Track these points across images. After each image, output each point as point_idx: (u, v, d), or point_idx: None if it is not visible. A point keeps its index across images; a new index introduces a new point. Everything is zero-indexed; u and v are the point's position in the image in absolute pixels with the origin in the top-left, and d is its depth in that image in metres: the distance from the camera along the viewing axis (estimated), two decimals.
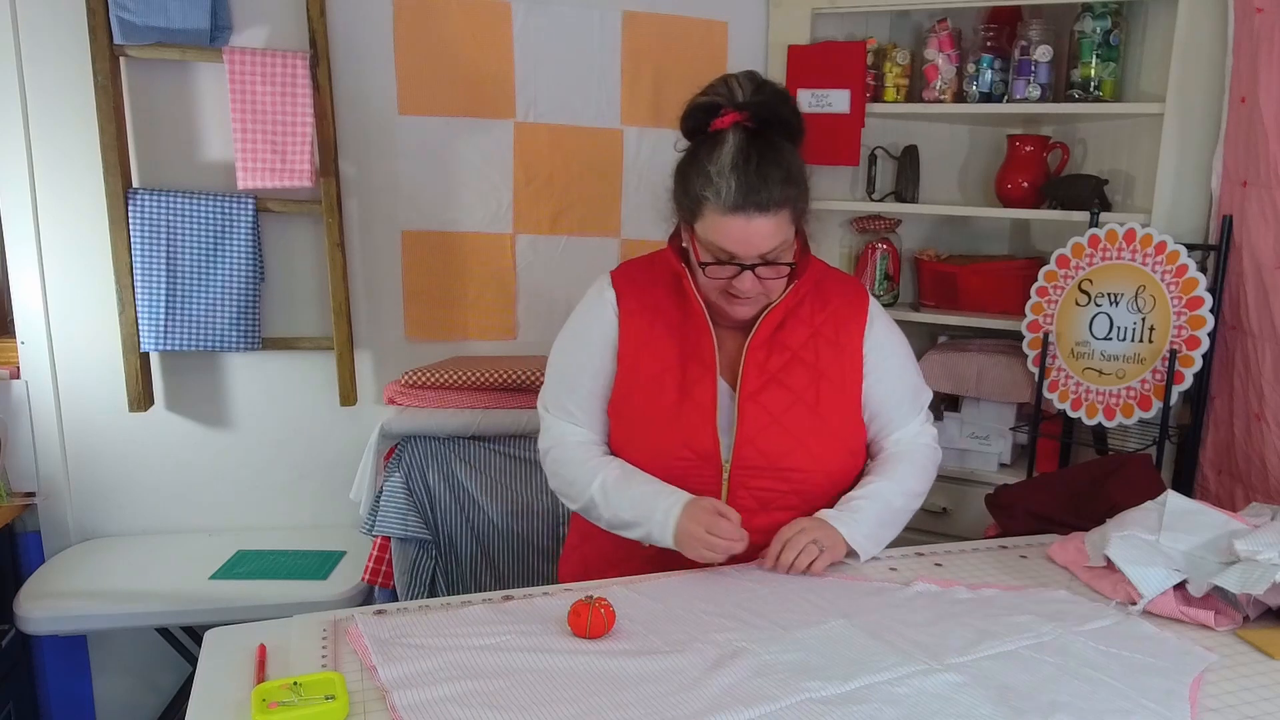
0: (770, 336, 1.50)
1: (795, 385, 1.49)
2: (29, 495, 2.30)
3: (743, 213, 1.37)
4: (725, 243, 1.40)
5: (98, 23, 2.07)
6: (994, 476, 2.37)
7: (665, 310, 1.53)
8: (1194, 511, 1.46)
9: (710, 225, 1.40)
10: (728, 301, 1.46)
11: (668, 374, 1.49)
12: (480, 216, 2.47)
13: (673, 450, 1.47)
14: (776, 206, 1.38)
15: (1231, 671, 1.18)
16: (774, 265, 1.42)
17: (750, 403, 1.47)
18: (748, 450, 1.46)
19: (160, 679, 2.45)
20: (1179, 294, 2.03)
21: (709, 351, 1.50)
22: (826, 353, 1.52)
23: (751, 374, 1.48)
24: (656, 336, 1.51)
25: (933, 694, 1.08)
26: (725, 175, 1.37)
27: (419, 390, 2.22)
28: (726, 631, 1.22)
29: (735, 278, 1.42)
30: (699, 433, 1.46)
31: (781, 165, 1.39)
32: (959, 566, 1.50)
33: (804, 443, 1.48)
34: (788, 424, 1.47)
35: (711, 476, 1.47)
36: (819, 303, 1.54)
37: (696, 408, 1.47)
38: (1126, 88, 2.33)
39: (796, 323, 1.52)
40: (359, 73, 2.32)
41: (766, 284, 1.44)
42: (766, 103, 1.42)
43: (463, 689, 1.06)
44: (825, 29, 2.48)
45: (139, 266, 2.20)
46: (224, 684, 1.10)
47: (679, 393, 1.48)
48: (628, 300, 1.54)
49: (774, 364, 1.50)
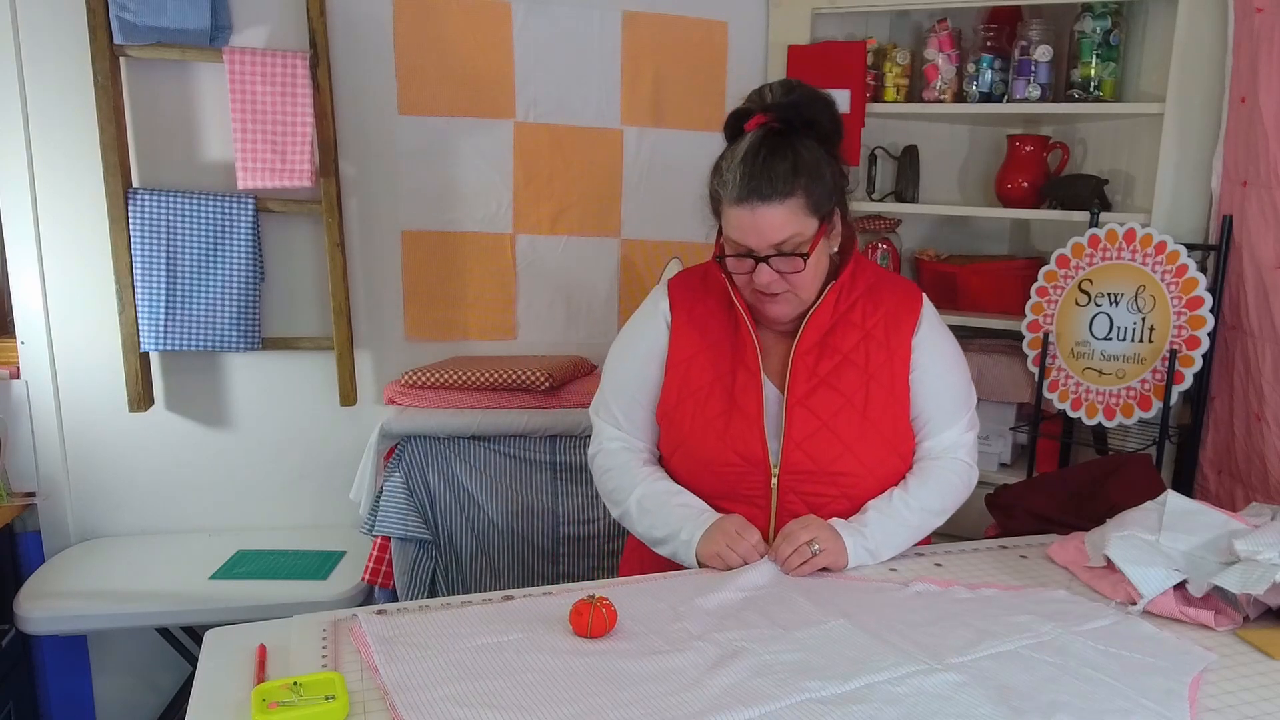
0: (820, 340, 1.50)
1: (845, 388, 1.49)
2: (29, 495, 2.30)
3: (747, 203, 1.40)
4: (736, 234, 1.43)
5: (98, 23, 2.07)
6: (994, 476, 2.37)
7: (717, 318, 1.55)
8: (1194, 511, 1.46)
9: (726, 219, 1.44)
10: (759, 301, 1.48)
11: (718, 383, 1.51)
12: (480, 216, 2.47)
13: (721, 457, 1.48)
14: (781, 196, 1.39)
15: (1231, 671, 1.18)
16: (787, 257, 1.41)
17: (799, 407, 1.48)
18: (797, 455, 1.46)
19: (160, 679, 2.45)
20: (1179, 294, 2.03)
21: (752, 356, 1.50)
22: (877, 355, 1.51)
23: (800, 378, 1.49)
24: (708, 346, 1.53)
25: (933, 694, 1.08)
26: (734, 168, 1.41)
27: (419, 390, 2.22)
28: (726, 631, 1.22)
29: (753, 272, 1.43)
30: (746, 438, 1.47)
31: (789, 158, 1.40)
32: (959, 566, 1.49)
33: (853, 447, 1.48)
34: (837, 428, 1.47)
35: (761, 482, 1.48)
36: (871, 306, 1.53)
37: (743, 414, 1.48)
38: (1126, 88, 2.33)
39: (848, 327, 1.52)
40: (359, 73, 2.32)
41: (789, 279, 1.43)
42: (794, 104, 1.44)
43: (463, 689, 1.06)
44: (825, 29, 2.48)
45: (139, 266, 2.20)
46: (224, 684, 1.10)
47: (727, 400, 1.49)
48: (681, 311, 1.56)
49: (824, 368, 1.50)
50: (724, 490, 1.50)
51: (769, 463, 1.47)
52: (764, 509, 1.49)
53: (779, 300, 1.46)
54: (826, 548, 1.42)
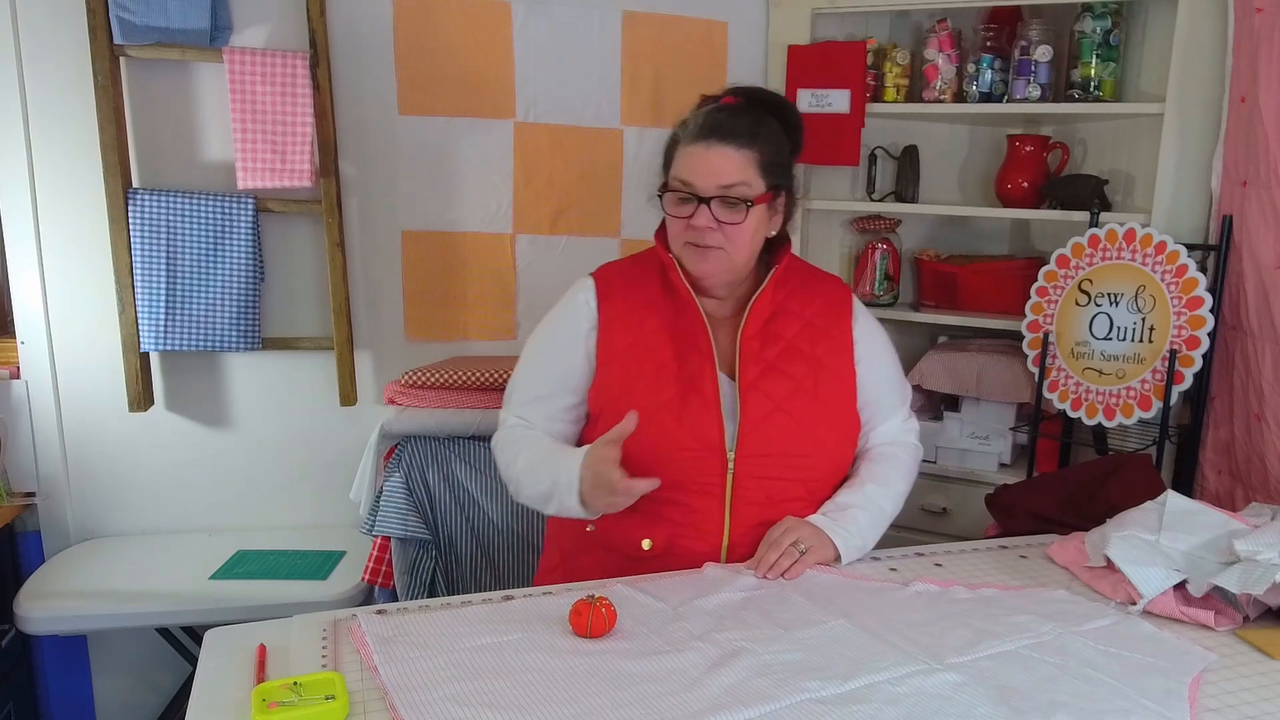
0: (763, 328, 1.52)
1: (795, 373, 1.50)
2: (29, 495, 2.30)
3: (704, 140, 1.43)
4: (685, 172, 1.44)
5: (98, 23, 2.07)
6: (994, 476, 2.37)
7: (657, 305, 1.53)
8: (1194, 511, 1.47)
9: (679, 159, 1.46)
10: (690, 255, 1.47)
11: (666, 368, 1.49)
12: (480, 216, 2.47)
13: (678, 442, 1.46)
14: (739, 144, 1.43)
15: (1231, 671, 1.18)
16: (730, 207, 1.43)
17: (752, 390, 1.48)
18: (753, 438, 1.46)
19: (160, 679, 2.45)
20: (1179, 294, 2.03)
21: (705, 340, 1.50)
22: (821, 343, 1.54)
23: (749, 362, 1.49)
24: (651, 332, 1.52)
25: (933, 694, 1.08)
26: (699, 115, 1.47)
27: (419, 390, 2.22)
28: (726, 631, 1.22)
29: (692, 217, 1.44)
30: (704, 421, 1.46)
31: (753, 118, 1.46)
32: (959, 566, 1.50)
33: (808, 429, 1.49)
34: (791, 410, 1.48)
35: (717, 467, 1.46)
36: (807, 297, 1.57)
37: (700, 397, 1.47)
38: (1126, 88, 2.33)
39: (788, 316, 1.54)
40: (359, 73, 2.32)
41: (726, 231, 1.44)
42: (760, 92, 1.52)
43: (463, 689, 1.06)
44: (825, 29, 2.48)
45: (139, 266, 2.20)
46: (224, 684, 1.10)
47: (680, 384, 1.48)
48: (613, 301, 1.54)
49: (770, 353, 1.51)
50: (678, 478, 1.45)
51: (724, 447, 1.46)
52: (719, 498, 1.46)
53: (710, 256, 1.46)
54: (812, 545, 1.43)
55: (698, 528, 1.47)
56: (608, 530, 1.50)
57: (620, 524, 1.48)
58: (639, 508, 1.46)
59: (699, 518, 1.47)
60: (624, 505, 1.39)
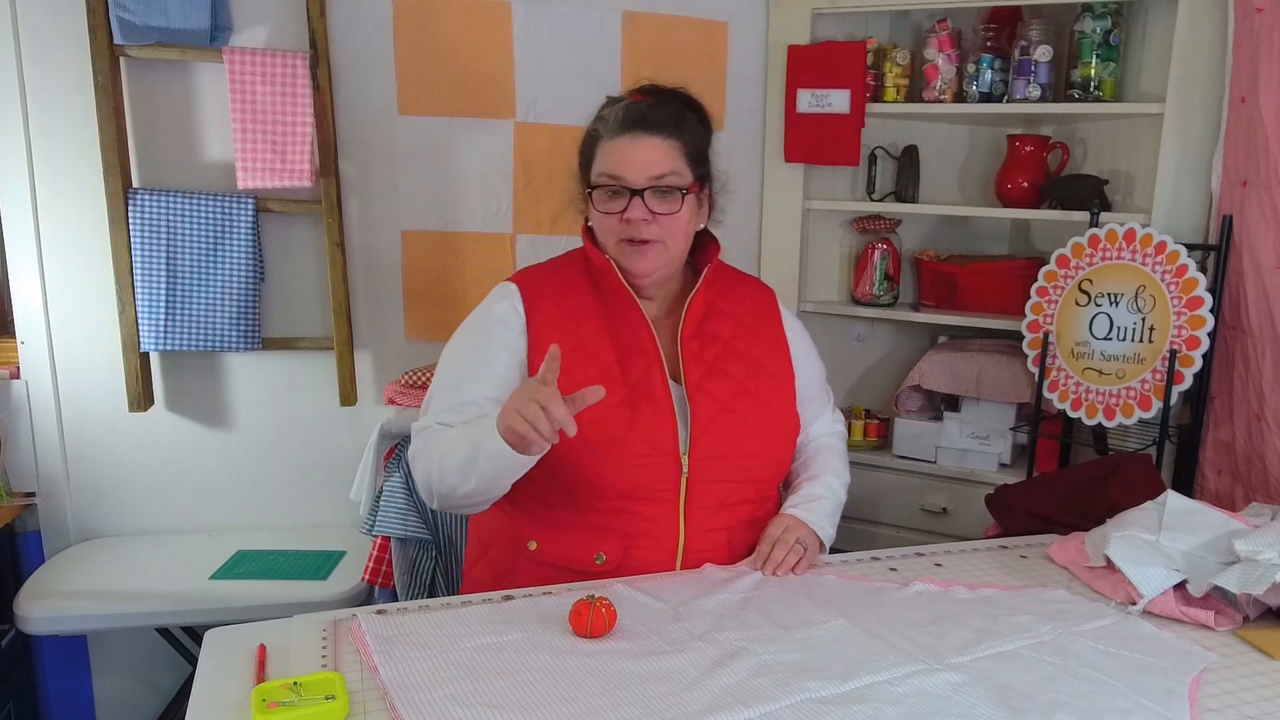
0: (699, 329, 1.51)
1: (735, 374, 1.50)
2: (29, 495, 2.30)
3: (630, 133, 1.42)
4: (613, 166, 1.42)
5: (98, 23, 2.07)
6: (994, 476, 2.37)
7: (590, 309, 1.48)
8: (1194, 511, 1.47)
9: (603, 154, 1.44)
10: (626, 253, 1.44)
11: (609, 373, 1.43)
12: (480, 216, 2.47)
13: (631, 447, 1.41)
14: (664, 133, 1.43)
15: (1231, 671, 1.18)
16: (663, 197, 1.42)
17: (698, 391, 1.46)
18: (704, 440, 1.43)
19: (160, 679, 2.45)
20: (1179, 294, 2.03)
21: (650, 343, 1.47)
22: (756, 344, 1.54)
23: (691, 364, 1.48)
24: (588, 336, 1.46)
25: (933, 694, 1.08)
26: (617, 109, 1.46)
27: (419, 390, 2.22)
28: (726, 631, 1.22)
29: (626, 211, 1.41)
30: (656, 427, 1.42)
31: (673, 110, 1.46)
32: (959, 566, 1.50)
33: (754, 429, 1.48)
34: (737, 410, 1.47)
35: (672, 471, 1.42)
36: (736, 297, 1.57)
37: (651, 402, 1.43)
38: (1126, 88, 2.33)
39: (721, 316, 1.54)
40: (359, 73, 2.32)
41: (662, 222, 1.42)
42: (667, 88, 1.52)
43: (463, 689, 1.06)
44: (825, 29, 2.48)
45: (139, 266, 2.20)
46: (224, 684, 1.10)
47: (628, 389, 1.43)
48: (541, 306, 1.47)
49: (710, 354, 1.50)
50: (631, 486, 1.41)
51: (679, 451, 1.42)
52: (674, 505, 1.43)
53: (648, 251, 1.44)
54: (810, 544, 1.45)
55: (652, 537, 1.42)
56: (551, 549, 1.44)
57: (566, 539, 1.43)
58: (586, 521, 1.42)
59: (653, 526, 1.42)
60: (546, 432, 1.21)
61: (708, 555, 1.44)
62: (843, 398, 2.77)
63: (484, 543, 1.56)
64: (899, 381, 2.58)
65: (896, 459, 2.51)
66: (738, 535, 1.48)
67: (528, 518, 1.48)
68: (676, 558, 1.44)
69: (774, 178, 2.55)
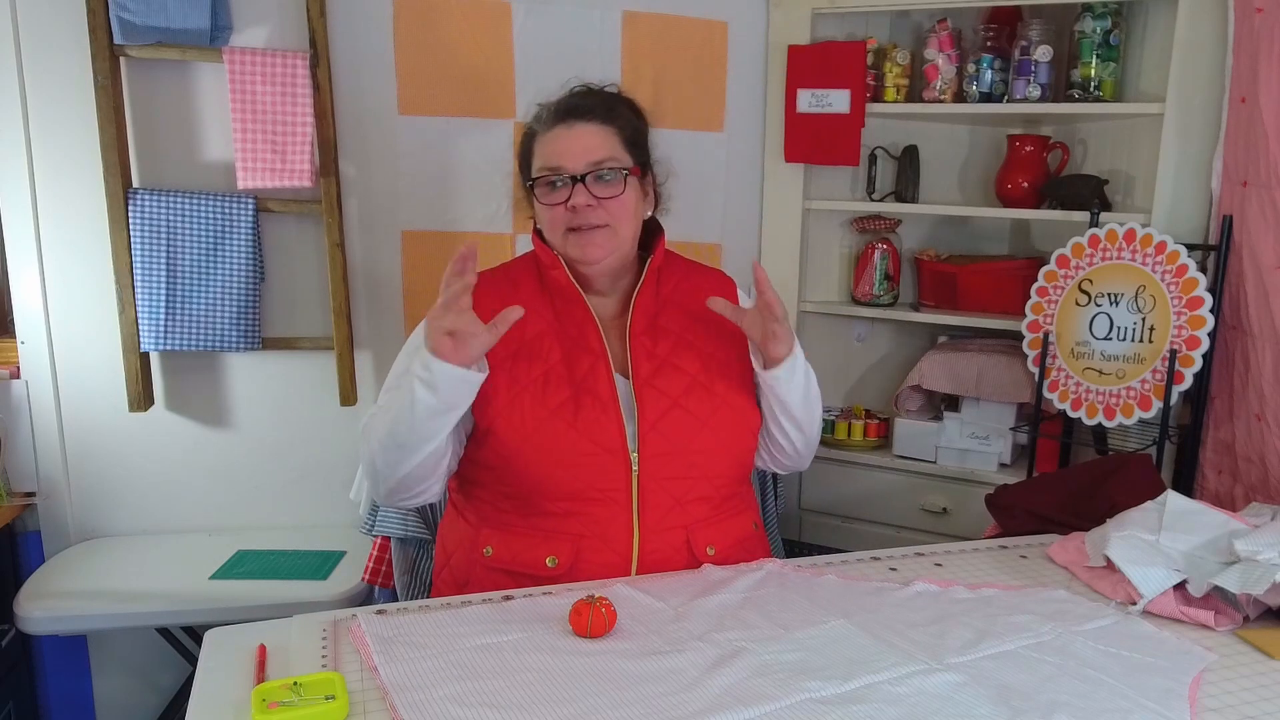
0: (651, 324, 1.50)
1: (688, 368, 1.48)
2: (29, 495, 2.30)
3: (565, 122, 1.44)
4: (552, 157, 1.43)
5: (98, 23, 2.07)
6: (994, 476, 2.37)
7: (536, 308, 1.48)
8: (1194, 511, 1.47)
9: (541, 147, 1.46)
10: (574, 242, 1.44)
11: (554, 372, 1.43)
12: (480, 216, 2.47)
13: (576, 447, 1.40)
14: (599, 120, 1.44)
15: (1231, 671, 1.18)
16: (605, 183, 1.43)
17: (647, 388, 1.45)
18: (653, 437, 1.42)
19: (160, 679, 2.45)
20: (1179, 294, 2.03)
21: (596, 339, 1.46)
22: (709, 337, 1.53)
23: (641, 360, 1.47)
24: (533, 337, 1.46)
25: (933, 694, 1.08)
26: (550, 103, 1.48)
27: None
28: (726, 631, 1.22)
29: (569, 199, 1.42)
30: (602, 423, 1.41)
31: (603, 99, 1.49)
32: (959, 566, 1.50)
33: (707, 423, 1.46)
34: (689, 406, 1.46)
35: (621, 470, 1.41)
36: (691, 288, 1.57)
37: (595, 399, 1.42)
38: (1126, 88, 2.33)
39: (673, 309, 1.53)
40: (359, 73, 2.32)
41: (607, 206, 1.43)
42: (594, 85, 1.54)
43: (463, 689, 1.06)
44: (825, 29, 2.48)
45: (139, 266, 2.20)
46: (224, 684, 1.10)
47: (573, 387, 1.42)
48: (486, 308, 1.42)
49: (661, 349, 1.49)
50: (579, 487, 1.40)
51: (628, 450, 1.41)
52: (625, 505, 1.42)
53: (596, 238, 1.43)
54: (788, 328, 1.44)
55: (604, 538, 1.41)
56: (505, 554, 1.44)
57: (519, 544, 1.43)
58: (537, 525, 1.41)
59: (605, 528, 1.41)
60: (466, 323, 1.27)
61: (665, 556, 1.42)
62: (843, 398, 2.77)
63: (447, 551, 1.57)
64: (899, 381, 2.58)
65: (896, 459, 2.51)
66: (696, 534, 1.46)
67: (484, 524, 1.48)
68: (631, 559, 1.42)
69: (774, 178, 2.55)
